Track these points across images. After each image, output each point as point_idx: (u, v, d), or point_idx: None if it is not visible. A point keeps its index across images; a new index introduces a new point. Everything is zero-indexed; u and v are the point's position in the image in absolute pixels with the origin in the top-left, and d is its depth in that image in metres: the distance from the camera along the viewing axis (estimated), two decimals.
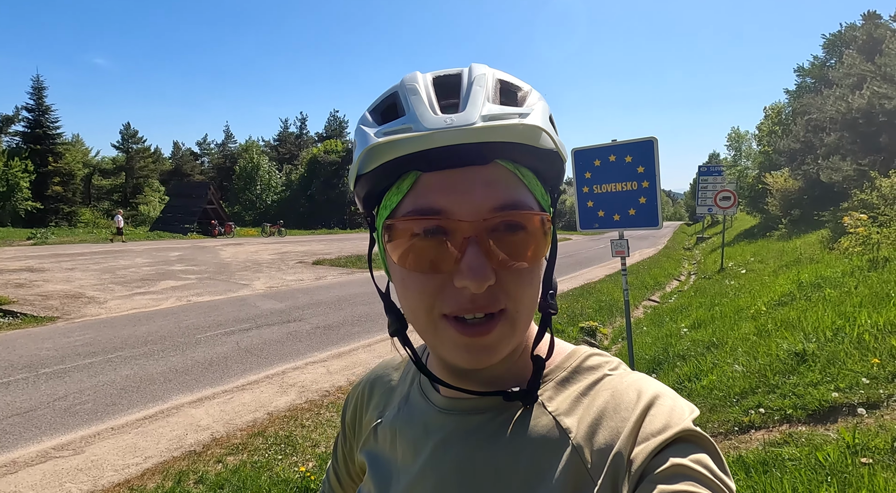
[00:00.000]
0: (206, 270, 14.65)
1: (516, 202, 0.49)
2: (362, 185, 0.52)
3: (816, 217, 15.14)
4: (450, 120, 0.46)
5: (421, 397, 0.63)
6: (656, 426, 0.48)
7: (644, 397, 0.51)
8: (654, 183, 5.17)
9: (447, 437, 0.57)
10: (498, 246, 0.48)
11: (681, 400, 0.52)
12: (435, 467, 0.56)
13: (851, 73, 16.21)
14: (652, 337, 6.90)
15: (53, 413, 4.60)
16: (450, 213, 0.47)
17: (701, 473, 0.45)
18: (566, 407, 0.54)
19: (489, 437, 0.54)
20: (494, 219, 0.47)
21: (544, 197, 0.53)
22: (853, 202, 11.26)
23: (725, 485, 0.45)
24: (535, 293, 0.52)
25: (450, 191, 0.48)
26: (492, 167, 0.48)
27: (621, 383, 0.54)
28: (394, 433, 0.63)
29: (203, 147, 64.22)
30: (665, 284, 13.37)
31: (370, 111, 0.53)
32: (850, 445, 2.68)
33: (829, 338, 4.32)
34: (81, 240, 23.96)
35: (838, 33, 25.27)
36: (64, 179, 42.19)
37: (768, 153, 27.44)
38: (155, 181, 51.43)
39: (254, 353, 6.50)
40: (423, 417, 0.61)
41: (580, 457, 0.49)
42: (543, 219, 0.50)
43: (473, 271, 0.46)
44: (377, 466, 0.64)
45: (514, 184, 0.49)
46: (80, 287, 10.99)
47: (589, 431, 0.51)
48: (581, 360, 0.58)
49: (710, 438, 0.48)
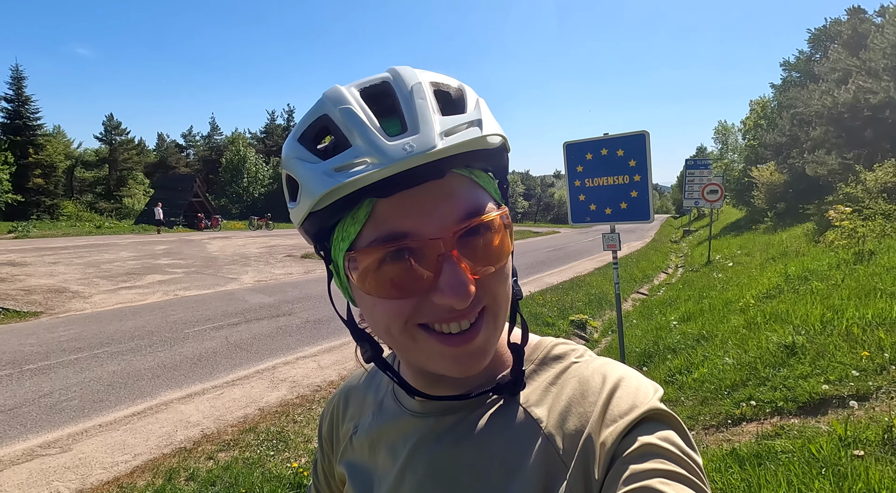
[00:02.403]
0: (194, 264, 14.48)
1: (478, 208, 0.49)
2: (312, 223, 0.50)
3: (802, 210, 15.33)
4: (409, 147, 0.43)
5: (394, 402, 0.63)
6: (623, 408, 0.49)
7: (609, 381, 0.52)
8: (646, 177, 5.18)
9: (422, 440, 0.58)
10: (471, 255, 0.47)
11: (645, 380, 0.53)
12: (412, 470, 0.57)
13: (837, 67, 16.37)
14: (642, 330, 6.94)
15: (39, 410, 4.52)
16: (416, 234, 0.46)
17: (668, 450, 0.46)
18: (536, 398, 0.55)
19: (463, 435, 0.55)
20: (461, 229, 0.47)
21: (497, 192, 0.54)
22: (838, 196, 11.41)
23: (693, 460, 0.46)
24: (508, 286, 0.53)
25: (412, 212, 0.46)
26: (448, 178, 0.47)
27: (587, 369, 0.55)
28: (370, 440, 0.64)
29: (188, 139, 63.25)
30: (653, 276, 13.47)
31: (299, 139, 0.49)
32: (843, 437, 2.71)
33: (818, 331, 4.37)
34: (64, 233, 23.56)
35: (823, 28, 25.49)
36: (45, 172, 41.35)
37: (754, 147, 27.71)
38: (139, 174, 50.61)
39: (243, 348, 6.44)
40: (398, 422, 0.61)
41: (552, 445, 0.51)
42: (504, 217, 0.51)
43: (454, 288, 0.45)
44: (356, 475, 0.64)
45: (471, 189, 0.49)
46: (64, 281, 10.80)
47: (559, 419, 0.52)
48: (547, 350, 0.59)
49: (676, 414, 0.50)
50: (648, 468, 0.44)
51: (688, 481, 0.44)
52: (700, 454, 0.49)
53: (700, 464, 0.47)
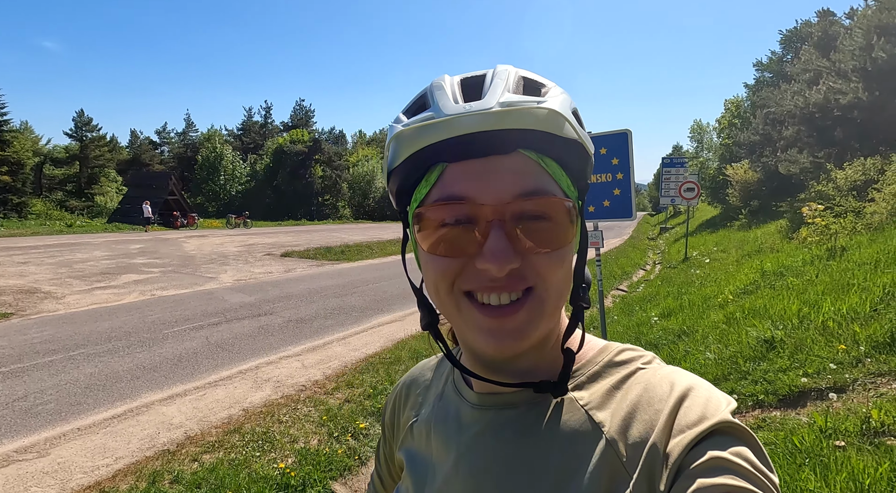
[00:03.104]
0: (170, 263, 14.20)
1: (539, 189, 0.49)
2: (394, 180, 0.54)
3: (775, 207, 15.72)
4: (468, 106, 0.48)
5: (455, 393, 0.64)
6: (692, 418, 0.47)
7: (677, 389, 0.51)
8: (628, 175, 5.24)
9: (480, 432, 0.57)
10: (523, 232, 0.49)
11: (717, 391, 0.51)
12: (468, 462, 0.56)
13: (808, 68, 16.77)
14: (623, 326, 7.03)
15: (13, 414, 4.39)
16: (474, 199, 0.48)
17: (741, 466, 0.43)
18: (598, 401, 0.54)
19: (521, 432, 0.55)
20: (518, 205, 0.48)
21: (570, 188, 0.53)
22: (810, 193, 11.71)
23: (768, 479, 0.44)
24: (564, 276, 0.52)
25: (474, 178, 0.49)
26: (515, 156, 0.49)
27: (654, 376, 0.54)
28: (429, 429, 0.64)
29: (162, 136, 61.95)
30: (632, 273, 13.66)
31: (403, 112, 0.55)
32: (823, 428, 2.78)
33: (795, 325, 4.48)
34: (34, 232, 22.88)
35: (795, 29, 26.13)
36: (12, 169, 40.00)
37: (729, 146, 28.26)
38: (112, 171, 49.42)
39: (225, 348, 6.34)
40: (457, 413, 0.61)
41: (615, 451, 0.49)
42: (569, 206, 0.50)
43: (495, 253, 0.47)
44: (414, 463, 0.65)
45: (537, 172, 0.50)
46: (34, 282, 10.50)
47: (623, 424, 0.50)
48: (613, 354, 0.58)
49: (751, 430, 0.47)
50: (718, 484, 0.42)
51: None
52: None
53: (776, 484, 0.44)
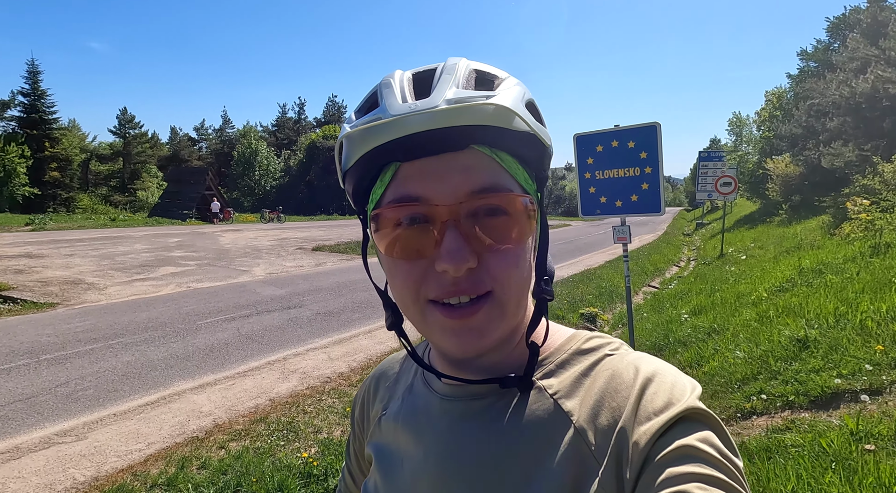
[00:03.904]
0: (206, 256, 14.62)
1: (494, 185, 0.49)
2: (349, 181, 0.54)
3: (817, 203, 15.08)
4: (414, 105, 0.47)
5: (424, 386, 0.63)
6: (658, 405, 0.47)
7: (642, 374, 0.51)
8: (657, 169, 5.12)
9: (449, 424, 0.57)
10: (479, 229, 0.48)
11: (682, 376, 0.51)
12: (437, 454, 0.56)
13: (855, 56, 16.04)
14: (652, 323, 6.90)
15: (55, 399, 4.60)
16: (428, 199, 0.48)
17: (708, 453, 0.44)
18: (567, 389, 0.54)
19: (489, 423, 0.55)
20: (472, 202, 0.48)
21: (528, 182, 0.52)
22: (855, 188, 11.20)
23: (733, 464, 0.44)
24: (522, 276, 0.51)
25: (427, 178, 0.48)
26: (468, 153, 0.48)
27: (621, 362, 0.54)
28: (398, 423, 0.64)
29: (201, 132, 63.75)
30: (665, 269, 13.37)
31: (354, 111, 0.54)
32: (854, 431, 2.68)
33: (831, 324, 4.32)
34: (80, 226, 23.87)
35: (843, 16, 24.95)
36: (61, 165, 41.97)
37: (769, 138, 27.30)
38: (153, 167, 51.21)
39: (255, 339, 6.50)
40: (426, 406, 0.61)
41: (584, 439, 0.49)
42: (526, 202, 0.50)
43: (451, 254, 0.47)
44: (382, 457, 0.64)
45: (492, 168, 0.49)
46: (79, 273, 10.97)
47: (591, 412, 0.50)
48: (581, 342, 0.58)
49: (716, 415, 0.47)
50: (686, 472, 0.42)
51: (727, 486, 0.42)
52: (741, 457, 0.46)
53: (741, 468, 0.45)
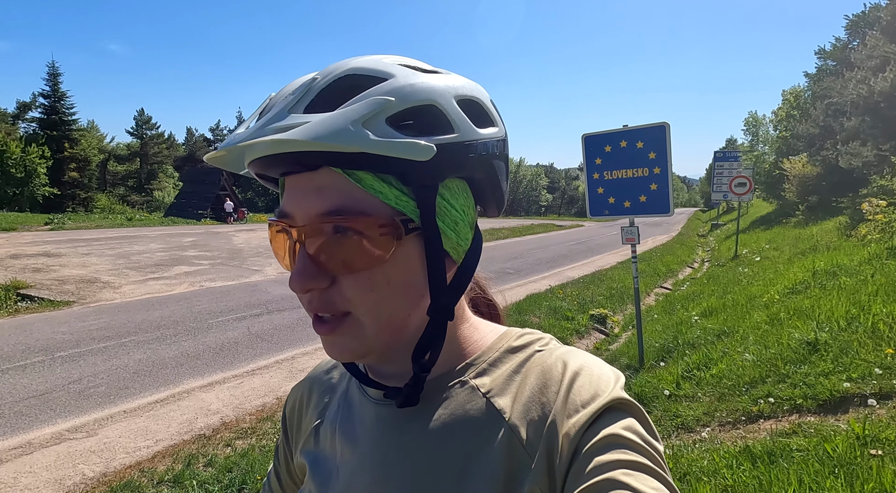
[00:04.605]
0: (219, 255, 14.77)
1: (342, 208, 0.47)
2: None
3: (835, 204, 14.84)
4: (235, 135, 0.49)
5: (358, 390, 0.63)
6: (584, 397, 0.50)
7: (570, 369, 0.52)
8: (666, 169, 5.09)
9: (383, 428, 0.57)
10: (325, 254, 0.48)
11: (607, 368, 0.53)
12: (373, 458, 0.56)
13: (874, 55, 15.73)
14: (662, 325, 6.84)
15: (68, 396, 4.69)
16: (292, 217, 0.50)
17: (631, 439, 0.46)
18: (499, 387, 0.54)
19: (424, 424, 0.55)
20: (318, 225, 0.48)
21: (401, 199, 0.49)
22: (872, 188, 11.01)
23: (653, 448, 0.47)
24: (380, 298, 0.50)
25: (293, 196, 0.50)
26: (323, 172, 0.48)
27: (550, 357, 0.55)
28: (334, 430, 0.63)
29: (216, 133, 64.45)
30: (678, 271, 13.23)
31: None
32: (860, 436, 2.63)
33: (842, 327, 4.25)
34: (97, 225, 24.24)
35: (862, 14, 24.47)
36: (80, 165, 42.70)
37: (786, 138, 26.89)
38: (169, 167, 51.88)
39: (264, 338, 6.57)
40: (361, 410, 0.61)
41: (516, 436, 0.50)
42: (383, 223, 0.47)
43: (295, 274, 0.49)
44: (317, 466, 0.64)
45: (344, 190, 0.48)
46: (95, 272, 11.14)
47: (523, 409, 0.51)
48: (513, 339, 0.59)
49: (637, 403, 0.50)
50: (611, 460, 0.45)
51: (649, 470, 0.45)
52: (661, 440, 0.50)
53: (661, 451, 0.47)
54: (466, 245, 0.54)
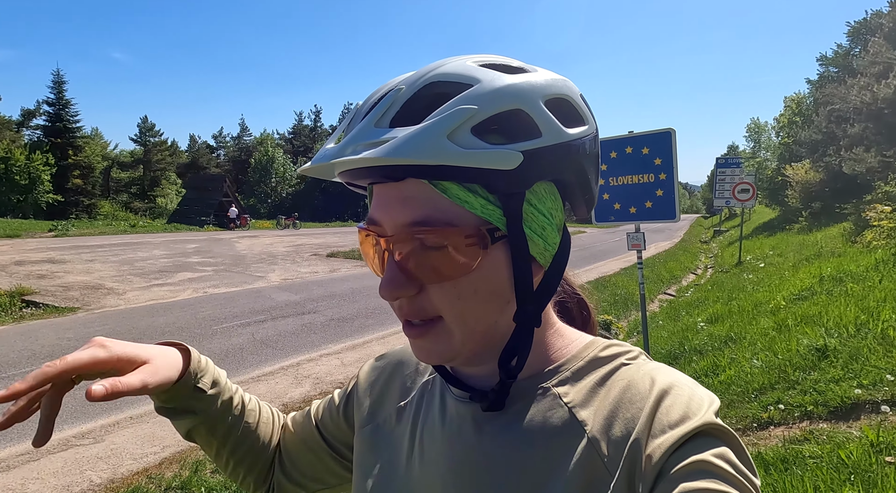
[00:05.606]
0: (223, 262, 14.79)
1: (428, 219, 0.47)
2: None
3: (838, 210, 14.84)
4: (324, 152, 0.49)
5: (443, 384, 0.63)
6: (673, 418, 0.46)
7: (658, 386, 0.49)
8: (672, 175, 5.08)
9: (463, 426, 0.57)
10: (418, 261, 0.48)
11: (700, 389, 0.50)
12: (449, 455, 0.56)
13: (877, 61, 15.76)
14: (668, 331, 6.82)
15: (74, 403, 4.68)
16: (380, 225, 0.50)
17: (723, 469, 0.42)
18: (582, 398, 0.53)
19: (504, 428, 0.54)
20: (405, 235, 0.48)
21: (486, 209, 0.48)
22: (877, 194, 11.00)
23: (750, 482, 0.43)
24: (468, 305, 0.49)
25: (380, 205, 0.51)
26: (408, 183, 0.48)
27: (637, 372, 0.53)
28: (415, 415, 0.64)
29: (219, 140, 64.75)
30: (681, 277, 13.22)
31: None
32: (874, 443, 2.62)
33: (851, 333, 4.23)
34: (101, 232, 24.31)
35: (864, 20, 24.57)
36: (84, 172, 42.88)
37: (788, 145, 26.92)
38: (172, 174, 52.01)
39: (269, 344, 6.56)
40: (442, 404, 0.61)
41: (596, 450, 0.48)
42: (469, 233, 0.47)
43: (384, 282, 0.49)
44: (386, 445, 0.64)
45: (430, 200, 0.48)
46: (99, 278, 11.16)
47: (605, 423, 0.50)
48: (598, 349, 0.57)
49: (733, 431, 0.46)
50: (700, 488, 0.41)
51: None
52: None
53: (757, 486, 0.44)
54: (554, 249, 0.53)
